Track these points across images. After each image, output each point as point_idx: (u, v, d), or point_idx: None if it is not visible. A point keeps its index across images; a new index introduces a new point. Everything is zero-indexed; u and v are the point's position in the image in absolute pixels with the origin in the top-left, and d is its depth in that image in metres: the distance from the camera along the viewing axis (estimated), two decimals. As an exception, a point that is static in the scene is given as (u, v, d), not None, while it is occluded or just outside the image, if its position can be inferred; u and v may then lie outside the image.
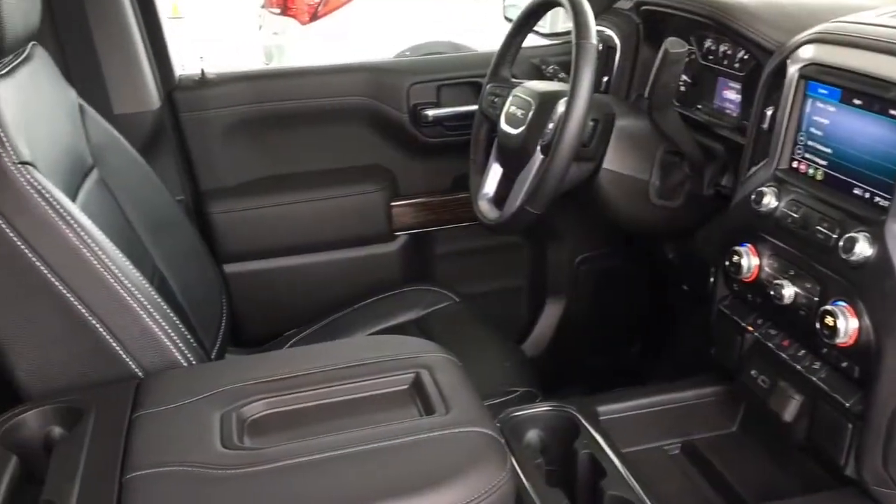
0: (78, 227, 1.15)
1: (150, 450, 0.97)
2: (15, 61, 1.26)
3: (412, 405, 1.06)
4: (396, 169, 1.96)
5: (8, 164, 1.10)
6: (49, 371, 1.16)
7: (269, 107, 1.87)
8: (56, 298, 1.14)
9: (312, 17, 5.13)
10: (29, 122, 1.20)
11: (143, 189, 1.57)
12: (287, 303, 1.93)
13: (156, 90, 1.73)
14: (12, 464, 1.00)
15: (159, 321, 1.20)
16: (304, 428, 1.03)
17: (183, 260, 1.59)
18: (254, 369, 1.16)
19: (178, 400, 1.07)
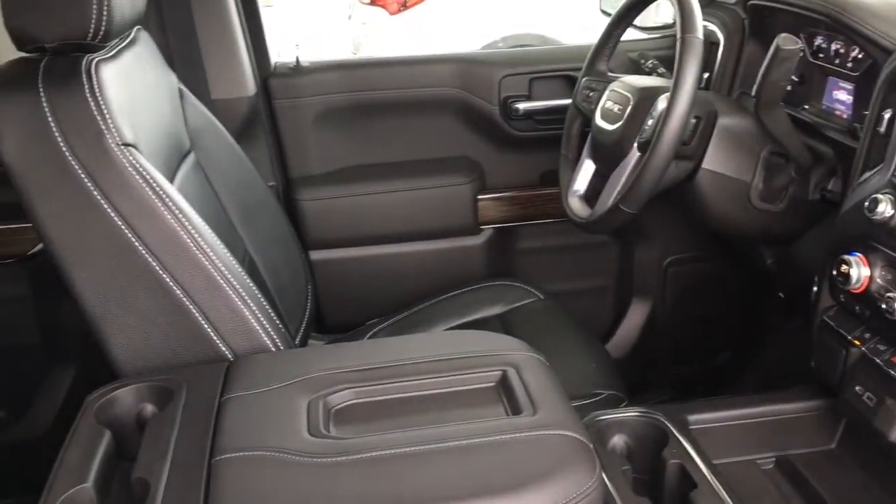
0: (176, 210, 1.17)
1: (239, 433, 0.98)
2: (121, 45, 1.29)
3: (499, 404, 1.04)
4: (484, 162, 1.94)
5: (111, 145, 1.13)
6: (143, 349, 1.19)
7: (360, 96, 1.87)
8: (153, 278, 1.16)
9: (401, 8, 5.14)
10: (132, 104, 1.23)
11: (237, 174, 1.59)
12: (370, 292, 1.93)
13: (252, 77, 1.75)
14: (106, 438, 1.02)
15: (250, 305, 1.22)
16: (390, 420, 1.02)
17: (272, 245, 1.61)
18: (341, 358, 1.16)
19: (266, 385, 1.08)
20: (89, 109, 1.11)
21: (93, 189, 1.12)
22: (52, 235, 1.14)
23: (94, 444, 1.00)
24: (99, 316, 1.17)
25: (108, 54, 1.21)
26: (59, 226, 1.14)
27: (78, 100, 1.11)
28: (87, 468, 0.95)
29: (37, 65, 1.13)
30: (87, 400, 1.08)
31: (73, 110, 1.11)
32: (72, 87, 1.12)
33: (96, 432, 1.02)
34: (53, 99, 1.11)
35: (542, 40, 5.09)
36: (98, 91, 1.13)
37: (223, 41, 1.70)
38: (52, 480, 0.93)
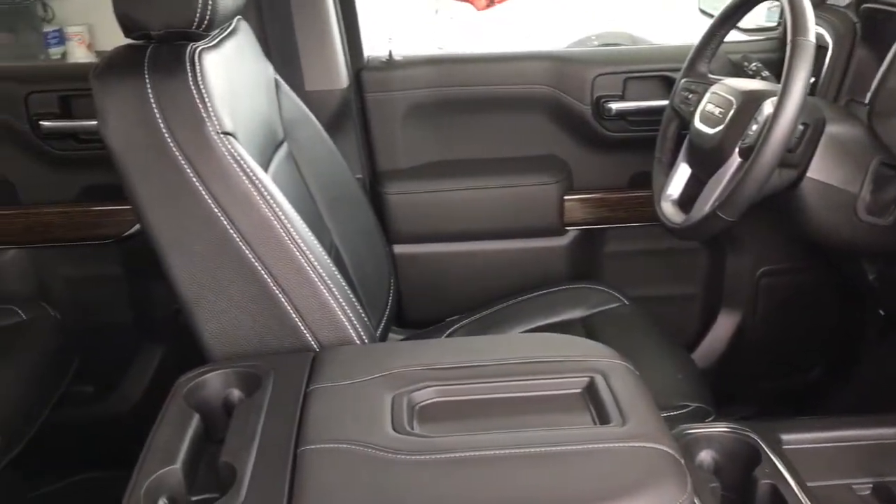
0: (270, 199, 1.18)
1: (324, 424, 0.98)
2: (222, 34, 1.31)
3: (585, 411, 1.01)
4: (573, 161, 1.90)
5: (212, 133, 1.15)
6: (232, 335, 1.21)
7: (450, 91, 1.86)
8: (245, 266, 1.18)
9: (489, 4, 5.12)
10: (232, 93, 1.25)
11: (327, 165, 1.61)
12: (451, 288, 1.93)
13: (345, 69, 1.76)
14: (195, 421, 1.04)
15: (337, 297, 1.22)
16: (473, 420, 1.01)
17: (357, 237, 1.62)
18: (424, 355, 1.15)
19: (351, 377, 1.08)
20: (192, 97, 1.14)
21: (192, 175, 1.15)
22: (151, 219, 1.17)
23: (183, 426, 1.01)
24: (192, 300, 1.19)
25: (210, 43, 1.24)
26: (157, 210, 1.16)
27: (181, 87, 1.13)
28: (177, 450, 0.97)
29: (143, 52, 1.16)
30: (178, 382, 1.10)
31: (176, 98, 1.13)
32: (176, 74, 1.14)
33: (186, 414, 1.04)
34: (158, 86, 1.13)
35: (630, 39, 5.00)
36: (200, 79, 1.15)
37: (319, 33, 1.71)
38: (143, 460, 0.95)
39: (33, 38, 5.29)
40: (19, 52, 5.15)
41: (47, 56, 5.23)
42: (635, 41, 4.95)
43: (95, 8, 5.32)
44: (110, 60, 1.17)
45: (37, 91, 1.77)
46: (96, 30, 5.39)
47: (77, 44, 5.38)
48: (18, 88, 1.77)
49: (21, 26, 5.26)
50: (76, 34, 5.38)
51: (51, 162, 1.83)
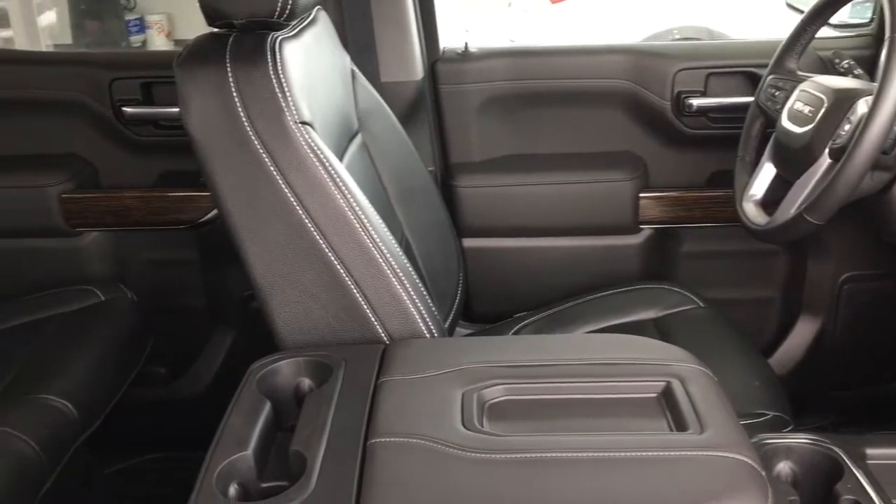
0: (345, 190, 1.18)
1: (394, 418, 0.98)
2: (302, 24, 1.32)
3: (661, 417, 0.98)
4: (649, 158, 1.86)
5: (290, 122, 1.15)
6: (304, 324, 1.21)
7: (526, 84, 1.84)
8: (319, 255, 1.18)
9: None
10: (310, 83, 1.25)
11: (400, 157, 1.60)
12: (519, 284, 1.91)
13: (421, 61, 1.75)
14: (266, 408, 1.05)
15: (409, 290, 1.22)
16: (544, 421, 0.99)
17: (427, 230, 1.61)
18: (494, 351, 1.14)
19: (421, 371, 1.07)
20: (272, 87, 1.14)
21: (269, 164, 1.15)
22: (229, 206, 1.18)
23: (255, 412, 1.02)
24: (266, 288, 1.20)
25: (290, 33, 1.24)
26: (235, 197, 1.17)
27: (262, 77, 1.14)
28: (249, 436, 0.98)
29: (225, 41, 1.17)
30: (251, 369, 1.11)
31: (256, 87, 1.14)
32: (257, 63, 1.15)
33: (258, 401, 1.05)
34: (239, 74, 1.14)
35: (708, 34, 4.87)
36: (280, 69, 1.15)
37: (396, 24, 1.71)
38: (215, 445, 0.96)
39: (116, 25, 5.45)
40: (103, 39, 5.32)
41: (128, 43, 5.39)
42: (713, 36, 4.82)
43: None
44: (193, 49, 1.19)
45: (120, 78, 1.81)
46: (175, 19, 5.53)
47: (157, 32, 5.53)
48: (103, 75, 1.81)
49: (105, 14, 5.42)
50: (156, 22, 5.53)
51: (131, 147, 1.88)
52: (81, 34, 5.34)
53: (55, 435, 1.34)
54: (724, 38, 4.73)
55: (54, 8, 5.27)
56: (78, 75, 1.82)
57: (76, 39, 5.32)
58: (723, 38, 4.76)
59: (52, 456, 1.32)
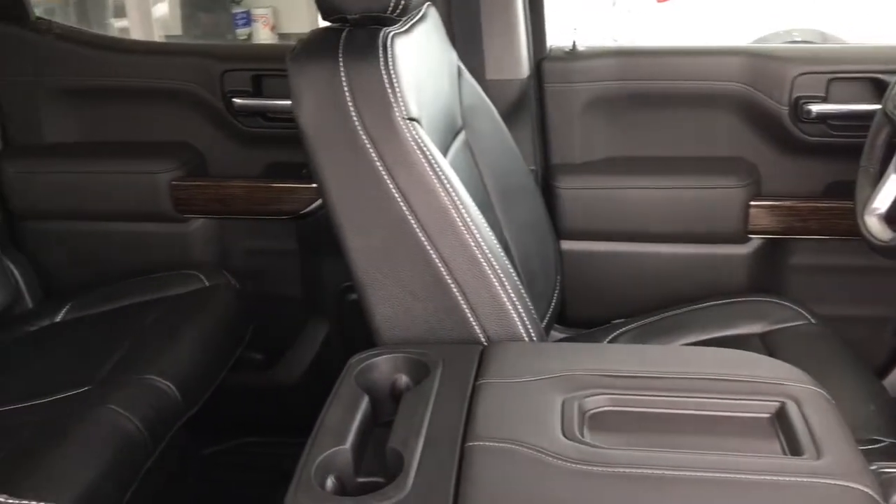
0: (450, 187, 1.17)
1: (492, 421, 0.96)
2: (412, 20, 1.31)
3: (774, 439, 0.94)
4: (762, 165, 1.78)
5: (398, 118, 1.15)
6: (403, 321, 1.21)
7: (634, 85, 1.79)
8: (420, 252, 1.18)
9: (669, -5, 4.93)
10: (419, 79, 1.25)
11: (502, 156, 1.59)
12: (617, 290, 1.86)
13: (527, 59, 1.73)
14: (364, 402, 1.05)
15: (509, 291, 1.20)
16: (648, 435, 0.96)
17: (526, 230, 1.59)
18: (598, 359, 1.11)
19: (521, 375, 1.05)
20: (382, 82, 1.14)
21: (375, 159, 1.16)
22: (334, 200, 1.19)
23: (354, 406, 1.02)
24: (367, 282, 1.20)
25: (401, 28, 1.24)
26: (340, 191, 1.18)
27: (373, 72, 1.14)
28: (347, 430, 0.98)
29: (338, 35, 1.18)
30: (350, 362, 1.12)
31: (367, 82, 1.14)
32: (368, 58, 1.15)
33: (356, 395, 1.05)
34: (350, 69, 1.15)
35: (821, 37, 4.67)
36: (391, 64, 1.15)
37: (505, 21, 1.69)
38: (314, 437, 0.97)
39: (223, 18, 5.62)
40: (211, 31, 5.50)
41: (234, 36, 5.55)
42: (826, 39, 4.62)
43: (282, -10, 5.60)
44: (307, 43, 1.20)
45: (232, 69, 1.86)
46: (280, 13, 5.67)
47: (262, 25, 5.67)
48: (216, 66, 1.86)
49: (214, 7, 5.60)
50: (262, 16, 5.68)
51: (239, 138, 1.92)
52: (191, 26, 5.54)
53: (158, 415, 1.38)
54: (839, 42, 4.52)
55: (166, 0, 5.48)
56: (192, 66, 1.88)
57: (186, 31, 5.52)
58: (837, 41, 4.55)
59: (155, 435, 1.36)
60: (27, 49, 1.90)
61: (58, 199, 1.94)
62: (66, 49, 1.90)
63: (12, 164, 1.93)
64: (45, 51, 1.90)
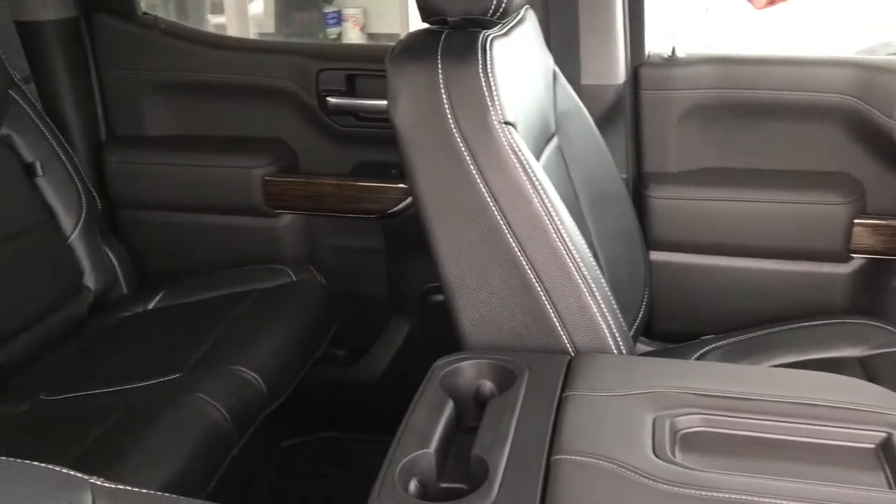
0: (543, 193, 1.16)
1: (580, 435, 0.94)
2: (511, 22, 1.30)
3: (879, 472, 0.89)
4: (869, 182, 1.70)
5: (494, 122, 1.14)
6: (489, 326, 1.20)
7: (734, 94, 1.73)
8: (510, 258, 1.16)
9: (770, 2, 4.77)
10: (516, 83, 1.23)
11: (594, 163, 1.56)
12: (708, 304, 1.80)
13: (624, 64, 1.69)
14: (449, 407, 1.04)
15: (599, 302, 1.17)
16: (743, 460, 0.92)
17: (615, 239, 1.56)
18: (690, 377, 1.07)
19: (610, 389, 1.03)
20: (479, 85, 1.14)
21: (469, 162, 1.15)
22: (426, 201, 1.19)
23: (438, 410, 1.02)
24: (455, 285, 1.20)
25: (500, 31, 1.23)
26: (433, 193, 1.18)
27: (471, 74, 1.14)
28: (431, 434, 0.97)
29: (437, 37, 1.18)
30: (435, 365, 1.11)
31: (464, 84, 1.14)
32: (467, 61, 1.14)
33: (441, 399, 1.04)
34: (448, 71, 1.14)
35: (929, 49, 4.43)
36: (490, 68, 1.15)
37: (603, 26, 1.66)
38: (399, 440, 0.96)
39: (315, 17, 5.72)
40: (302, 30, 5.60)
41: (325, 35, 5.64)
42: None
43: (371, -8, 5.67)
44: (406, 44, 1.20)
45: (327, 69, 1.88)
46: (369, 13, 5.74)
47: (352, 25, 5.75)
48: (312, 65, 1.89)
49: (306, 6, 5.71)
50: (352, 16, 5.75)
51: (331, 136, 1.94)
52: (283, 24, 5.65)
53: (244, 405, 1.41)
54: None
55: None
56: (289, 65, 1.91)
57: (278, 29, 5.63)
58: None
59: (240, 425, 1.38)
60: (133, 43, 1.97)
61: (155, 189, 2.00)
62: (170, 44, 1.95)
63: (114, 155, 2.00)
64: (151, 45, 1.96)
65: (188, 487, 1.22)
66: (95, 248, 1.80)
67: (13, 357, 1.57)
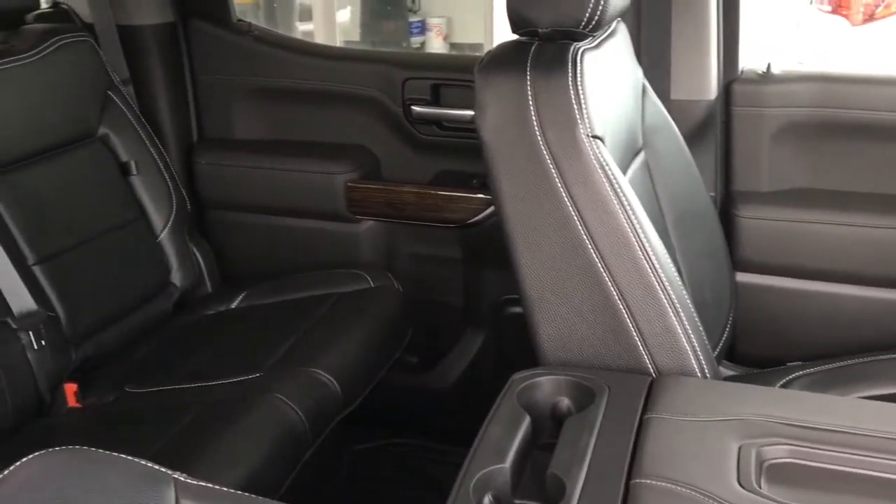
0: (629, 209, 1.14)
1: (660, 459, 0.92)
2: (602, 35, 1.28)
3: None
4: None
5: (582, 135, 1.13)
6: (568, 342, 1.18)
7: (832, 113, 1.67)
8: (593, 274, 1.14)
9: (867, 19, 4.59)
10: (605, 96, 1.22)
11: (681, 179, 1.52)
12: (796, 330, 1.73)
13: (716, 79, 1.65)
14: (526, 423, 1.03)
15: (684, 323, 1.14)
16: (834, 496, 0.89)
17: (701, 259, 1.52)
18: (778, 405, 1.03)
19: (693, 414, 1.00)
20: (568, 98, 1.12)
21: (555, 175, 1.14)
22: (510, 213, 1.18)
23: (515, 425, 1.01)
24: (535, 299, 1.18)
25: (591, 44, 1.22)
26: (516, 205, 1.17)
27: (560, 87, 1.13)
28: (507, 448, 0.96)
29: (527, 49, 1.17)
30: (513, 379, 1.10)
31: (553, 97, 1.13)
32: (556, 74, 1.13)
33: (518, 414, 1.03)
34: (538, 83, 1.13)
35: None
36: (579, 80, 1.13)
37: (696, 40, 1.62)
38: (474, 453, 0.96)
39: (400, 26, 5.79)
40: (386, 38, 5.68)
41: (408, 44, 5.70)
42: None
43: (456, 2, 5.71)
44: (495, 55, 1.20)
45: (413, 78, 1.89)
46: (453, 23, 5.78)
47: (435, 35, 5.80)
48: (398, 74, 1.90)
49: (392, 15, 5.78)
50: (436, 25, 5.80)
51: (413, 144, 1.95)
52: (368, 33, 5.74)
53: (320, 408, 1.42)
54: None
55: (348, 6, 5.72)
56: (376, 73, 1.93)
57: (363, 37, 5.72)
58: None
59: (316, 427, 1.40)
60: (227, 49, 2.03)
61: (241, 191, 2.05)
62: (262, 51, 2.00)
63: (204, 156, 2.06)
64: (243, 51, 2.01)
65: (263, 487, 1.23)
66: (183, 247, 1.85)
67: (102, 348, 1.63)
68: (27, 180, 1.59)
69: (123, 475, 0.73)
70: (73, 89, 1.72)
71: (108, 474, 0.71)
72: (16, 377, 1.43)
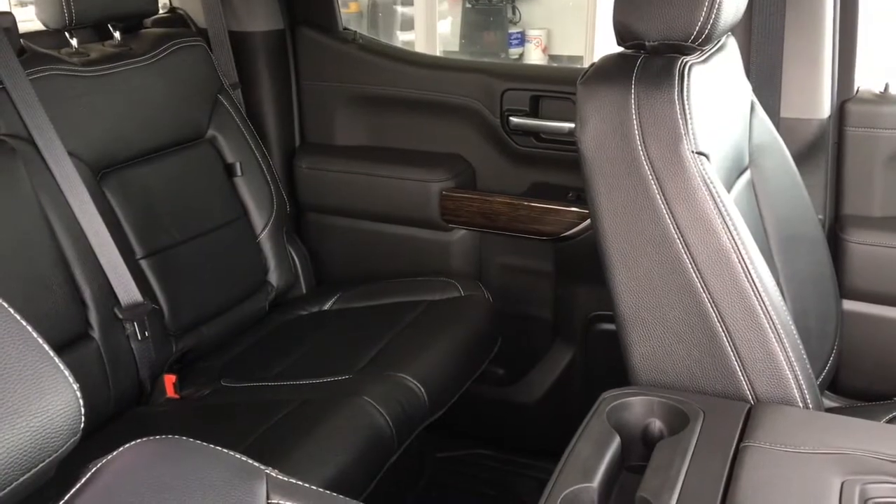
0: (733, 229, 1.10)
1: (758, 491, 0.88)
2: (712, 49, 1.25)
3: None
4: None
5: (686, 151, 1.10)
6: (662, 363, 1.15)
7: (954, 137, 1.58)
8: (691, 294, 1.11)
9: None
10: (711, 112, 1.18)
11: (788, 200, 1.47)
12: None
13: (829, 98, 1.58)
14: (615, 443, 1.01)
15: (787, 350, 1.10)
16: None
17: (806, 284, 1.46)
18: (885, 441, 0.98)
19: (793, 445, 0.95)
20: (674, 113, 1.10)
21: (656, 191, 1.11)
22: (606, 228, 1.16)
23: (603, 444, 0.99)
24: (629, 317, 1.16)
25: (700, 58, 1.19)
26: (615, 220, 1.15)
27: (665, 101, 1.10)
28: (595, 468, 0.94)
29: (633, 62, 1.15)
30: (603, 397, 1.08)
31: (658, 111, 1.10)
32: (662, 88, 1.11)
33: (607, 433, 1.01)
34: (642, 97, 1.11)
35: None
36: (686, 95, 1.11)
37: (809, 57, 1.56)
38: (561, 470, 0.94)
39: (499, 37, 5.80)
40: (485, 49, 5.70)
41: (507, 55, 5.71)
42: None
43: (556, 14, 5.68)
44: (599, 68, 1.18)
45: (512, 88, 1.89)
46: (553, 35, 5.75)
47: (534, 46, 5.78)
48: (497, 85, 1.90)
49: (492, 26, 5.80)
50: (535, 37, 5.79)
51: (509, 155, 1.95)
52: (468, 43, 5.77)
53: (407, 414, 1.43)
54: None
55: (449, 17, 5.77)
56: (476, 83, 1.93)
57: (462, 47, 5.76)
58: None
59: (401, 433, 1.41)
60: (332, 56, 2.07)
61: (339, 195, 2.08)
62: (366, 59, 2.04)
63: (305, 160, 2.11)
64: (348, 59, 2.05)
65: (348, 488, 1.25)
66: (281, 248, 1.90)
67: (201, 342, 1.68)
68: (139, 178, 1.66)
69: (219, 467, 0.74)
70: (187, 92, 1.80)
71: (205, 465, 0.73)
72: (119, 366, 1.50)
